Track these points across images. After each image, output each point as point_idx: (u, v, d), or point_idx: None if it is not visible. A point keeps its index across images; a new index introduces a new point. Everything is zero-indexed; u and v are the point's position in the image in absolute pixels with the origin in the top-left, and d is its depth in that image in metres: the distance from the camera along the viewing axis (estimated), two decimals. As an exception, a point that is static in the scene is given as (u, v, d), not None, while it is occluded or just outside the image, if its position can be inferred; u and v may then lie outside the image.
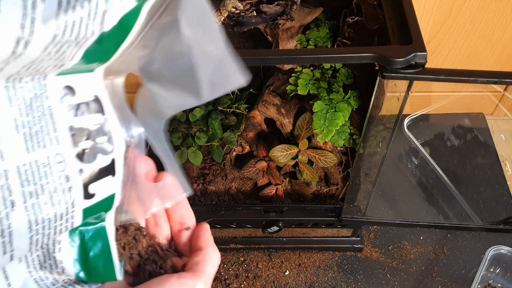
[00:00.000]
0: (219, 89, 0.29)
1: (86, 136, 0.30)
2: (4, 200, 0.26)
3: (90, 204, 0.31)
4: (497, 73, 0.54)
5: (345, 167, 0.84)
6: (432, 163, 0.96)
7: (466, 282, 0.91)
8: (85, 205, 0.31)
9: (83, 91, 0.29)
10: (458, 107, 1.15)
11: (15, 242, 0.27)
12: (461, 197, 0.97)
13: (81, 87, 0.29)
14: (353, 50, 0.54)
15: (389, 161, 0.74)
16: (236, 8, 0.59)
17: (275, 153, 0.79)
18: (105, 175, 0.32)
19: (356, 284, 0.91)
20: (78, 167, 0.30)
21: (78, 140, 0.30)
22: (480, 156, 1.07)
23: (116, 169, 0.33)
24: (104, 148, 0.31)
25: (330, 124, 0.70)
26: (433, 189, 1.01)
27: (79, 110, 0.29)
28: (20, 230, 0.27)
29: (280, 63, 0.67)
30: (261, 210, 0.83)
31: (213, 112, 0.83)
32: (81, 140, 0.30)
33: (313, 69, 0.75)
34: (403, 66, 0.51)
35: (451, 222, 0.92)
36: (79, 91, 0.29)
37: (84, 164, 0.30)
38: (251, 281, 0.91)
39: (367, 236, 0.97)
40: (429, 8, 0.90)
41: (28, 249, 0.29)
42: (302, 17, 0.72)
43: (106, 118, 0.31)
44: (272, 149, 0.79)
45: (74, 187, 0.30)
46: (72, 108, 0.29)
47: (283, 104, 0.81)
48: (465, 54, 1.01)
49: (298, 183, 0.83)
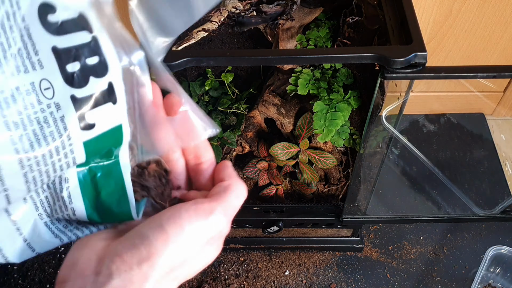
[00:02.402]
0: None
1: (74, 57, 0.27)
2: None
3: (91, 136, 0.28)
4: (496, 67, 0.54)
5: (345, 167, 0.84)
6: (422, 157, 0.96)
7: (466, 282, 0.91)
8: (85, 137, 0.28)
9: (64, 7, 0.26)
10: (458, 107, 1.15)
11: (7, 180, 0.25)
12: (463, 195, 0.97)
13: (61, 3, 0.26)
14: (353, 50, 0.54)
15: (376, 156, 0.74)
16: (236, 8, 0.59)
17: (275, 150, 0.79)
18: (103, 102, 0.28)
19: (356, 284, 0.91)
20: (68, 93, 0.27)
21: (65, 62, 0.26)
22: (481, 156, 1.08)
23: (117, 95, 0.29)
24: (96, 70, 0.28)
25: (330, 124, 0.70)
26: (431, 186, 1.01)
27: (62, 29, 0.26)
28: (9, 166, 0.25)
29: (280, 63, 0.67)
30: (261, 210, 0.83)
31: (213, 112, 0.83)
32: (68, 62, 0.27)
33: (313, 69, 0.75)
34: (403, 66, 0.51)
35: (450, 215, 0.92)
36: (59, 8, 0.26)
37: (75, 89, 0.27)
38: (251, 281, 0.91)
39: (367, 236, 0.97)
40: (429, 8, 0.90)
41: (27, 189, 0.27)
42: (302, 17, 0.72)
43: (95, 36, 0.27)
44: (273, 146, 0.79)
45: (68, 116, 0.27)
46: (53, 27, 0.26)
47: (283, 104, 0.81)
48: (465, 54, 1.01)
49: (298, 183, 0.83)
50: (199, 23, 0.61)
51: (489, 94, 1.13)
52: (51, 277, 0.92)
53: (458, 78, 0.54)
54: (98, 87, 0.28)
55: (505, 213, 0.84)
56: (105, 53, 0.28)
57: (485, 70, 0.54)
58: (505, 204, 0.88)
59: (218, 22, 0.58)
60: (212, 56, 0.53)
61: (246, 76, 0.91)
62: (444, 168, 1.03)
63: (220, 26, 0.59)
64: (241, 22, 0.59)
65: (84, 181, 0.30)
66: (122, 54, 0.29)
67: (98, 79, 0.28)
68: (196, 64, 0.52)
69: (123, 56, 0.29)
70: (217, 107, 0.83)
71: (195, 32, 0.58)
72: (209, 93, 0.86)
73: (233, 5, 0.59)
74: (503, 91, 1.11)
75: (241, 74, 0.90)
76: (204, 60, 0.52)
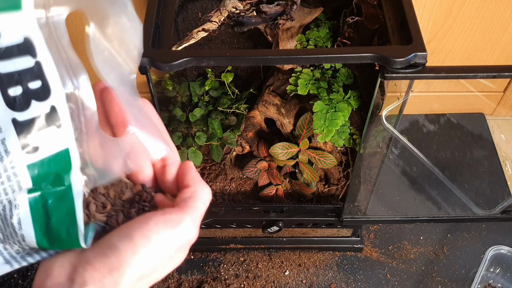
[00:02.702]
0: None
1: (16, 82, 0.27)
2: None
3: (36, 159, 0.29)
4: (496, 67, 0.54)
5: (345, 167, 0.84)
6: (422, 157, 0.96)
7: (466, 282, 0.91)
8: (29, 160, 0.28)
9: (9, 32, 0.26)
10: (458, 107, 1.15)
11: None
12: (463, 195, 0.97)
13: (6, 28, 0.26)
14: (353, 50, 0.54)
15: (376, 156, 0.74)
16: (236, 8, 0.59)
17: (275, 150, 0.79)
18: (47, 126, 0.29)
19: (356, 284, 0.91)
20: (10, 116, 0.27)
21: (7, 86, 0.27)
22: (481, 156, 1.08)
23: (61, 119, 0.29)
24: (38, 94, 0.28)
25: (330, 124, 0.70)
26: (431, 186, 1.01)
27: (6, 54, 0.27)
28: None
29: (280, 63, 0.67)
30: (261, 210, 0.83)
31: (213, 112, 0.83)
32: (10, 86, 0.27)
33: (313, 69, 0.75)
34: (403, 66, 0.51)
35: (450, 216, 0.92)
36: (4, 33, 0.26)
37: (16, 112, 0.27)
38: (251, 281, 0.91)
39: (367, 236, 0.97)
40: (429, 8, 0.90)
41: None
42: (302, 17, 0.72)
43: (38, 61, 0.28)
44: (273, 146, 0.79)
45: (9, 139, 0.27)
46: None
47: (283, 104, 0.81)
48: (465, 54, 1.01)
49: (298, 183, 0.83)
50: (199, 23, 0.61)
51: (489, 94, 1.13)
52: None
53: (458, 78, 0.54)
54: (41, 110, 0.28)
55: (505, 213, 0.84)
56: (48, 78, 0.28)
57: (485, 70, 0.54)
58: (505, 204, 0.88)
59: (218, 22, 0.58)
60: (212, 56, 0.53)
61: (246, 76, 0.91)
62: (444, 168, 1.03)
63: (220, 26, 0.59)
64: (241, 22, 0.59)
65: (35, 207, 0.30)
66: (67, 78, 0.30)
67: (40, 102, 0.28)
68: (196, 64, 0.52)
69: (68, 80, 0.30)
70: (217, 107, 0.83)
71: (195, 32, 0.58)
72: (209, 93, 0.86)
73: (233, 5, 0.59)
74: (503, 91, 1.11)
75: (241, 74, 0.90)
76: (204, 60, 0.52)
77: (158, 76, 0.87)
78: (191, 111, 0.82)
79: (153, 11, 0.56)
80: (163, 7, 0.58)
